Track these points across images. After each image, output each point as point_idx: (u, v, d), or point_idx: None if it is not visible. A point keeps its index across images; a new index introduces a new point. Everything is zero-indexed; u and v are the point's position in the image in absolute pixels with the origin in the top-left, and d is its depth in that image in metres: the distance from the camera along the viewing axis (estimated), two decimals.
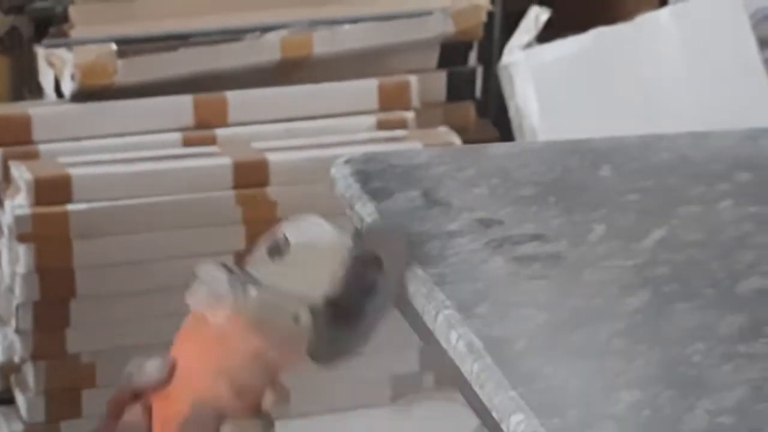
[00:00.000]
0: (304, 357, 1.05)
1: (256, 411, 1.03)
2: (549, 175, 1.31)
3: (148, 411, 1.04)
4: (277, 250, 1.05)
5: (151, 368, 1.04)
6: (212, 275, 1.03)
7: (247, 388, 1.02)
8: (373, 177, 1.28)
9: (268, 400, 1.02)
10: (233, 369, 1.02)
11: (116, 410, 1.05)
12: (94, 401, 2.53)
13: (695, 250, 1.19)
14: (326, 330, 1.06)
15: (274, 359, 1.03)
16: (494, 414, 1.00)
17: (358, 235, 1.13)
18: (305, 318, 1.03)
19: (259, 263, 1.05)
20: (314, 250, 1.06)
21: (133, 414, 1.05)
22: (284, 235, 1.05)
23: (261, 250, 1.06)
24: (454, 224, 1.21)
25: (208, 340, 1.03)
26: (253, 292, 1.02)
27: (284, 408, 1.04)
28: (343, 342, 1.08)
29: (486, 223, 1.21)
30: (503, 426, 0.99)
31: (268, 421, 1.03)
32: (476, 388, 1.04)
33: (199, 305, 1.04)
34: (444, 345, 1.09)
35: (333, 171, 1.31)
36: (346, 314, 1.07)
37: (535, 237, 1.19)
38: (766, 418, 0.97)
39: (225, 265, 1.04)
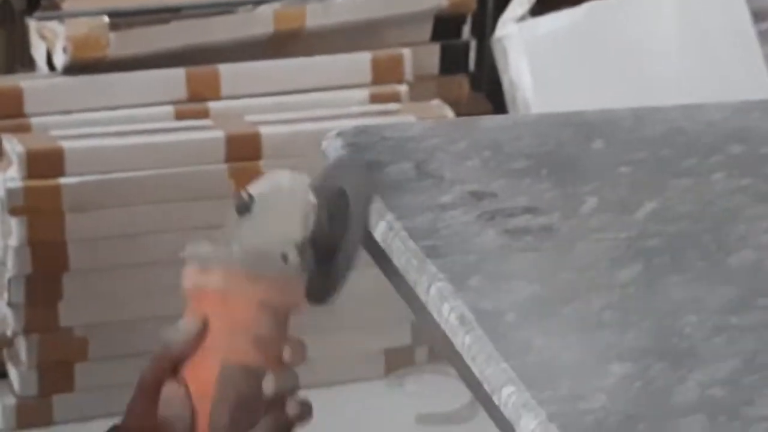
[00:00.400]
0: (303, 298, 1.06)
1: (280, 364, 1.05)
2: (541, 147, 1.32)
3: (185, 385, 1.04)
4: (244, 208, 1.08)
5: (184, 326, 1.04)
6: (197, 251, 1.04)
7: (263, 338, 1.04)
8: (365, 150, 1.28)
9: (287, 353, 1.03)
10: (245, 322, 1.04)
11: (155, 383, 1.05)
12: (86, 375, 2.53)
13: (687, 223, 1.19)
14: (314, 268, 1.08)
15: (278, 303, 1.05)
16: (486, 386, 1.01)
17: (322, 174, 1.15)
18: (293, 255, 1.05)
19: (233, 226, 1.08)
20: (278, 197, 1.09)
21: (170, 390, 1.05)
22: (247, 192, 1.08)
23: (231, 213, 1.08)
24: (447, 197, 1.21)
25: (215, 305, 1.04)
26: (236, 246, 1.05)
27: (303, 360, 1.05)
28: (331, 277, 1.10)
29: (478, 196, 1.21)
30: (495, 398, 0.99)
31: (293, 374, 1.05)
32: (468, 361, 1.04)
33: (194, 281, 1.05)
34: (436, 317, 1.09)
35: (325, 144, 1.31)
36: (327, 251, 1.10)
37: (528, 210, 1.20)
38: (757, 390, 0.98)
39: (206, 239, 1.07)
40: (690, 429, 0.94)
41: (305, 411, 1.05)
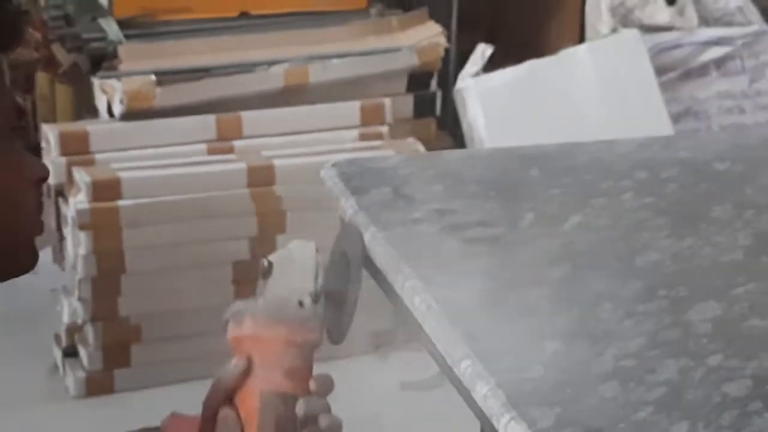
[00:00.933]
0: (320, 334, 1.02)
1: (309, 390, 1.00)
2: (491, 174, 1.31)
3: (236, 408, 1.01)
4: (265, 272, 1.04)
5: (232, 365, 1.00)
6: (232, 310, 1.02)
7: (292, 370, 1.00)
8: (353, 177, 1.27)
9: (313, 385, 1.00)
10: (276, 358, 1.00)
11: (213, 410, 1.01)
12: (140, 354, 2.53)
13: (604, 232, 1.19)
14: (330, 315, 1.05)
15: (300, 340, 1.01)
16: (448, 360, 1.01)
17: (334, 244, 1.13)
18: (307, 301, 1.02)
19: (259, 287, 1.04)
20: (291, 261, 1.04)
21: (225, 414, 1.01)
22: (268, 260, 1.04)
23: (258, 278, 1.05)
24: (417, 213, 1.20)
25: (251, 347, 1.01)
26: (261, 300, 1.02)
27: (329, 391, 1.01)
28: (342, 322, 1.08)
29: (441, 213, 1.21)
30: (455, 370, 0.99)
31: (322, 399, 1.01)
32: (434, 341, 1.03)
33: (232, 332, 1.01)
34: (409, 307, 1.08)
35: (323, 173, 1.31)
36: (337, 299, 1.07)
37: (480, 223, 1.19)
38: (658, 361, 0.97)
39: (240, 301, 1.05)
40: (606, 392, 0.93)
41: (336, 427, 0.99)
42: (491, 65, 2.86)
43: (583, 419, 0.90)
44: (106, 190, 2.45)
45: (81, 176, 2.45)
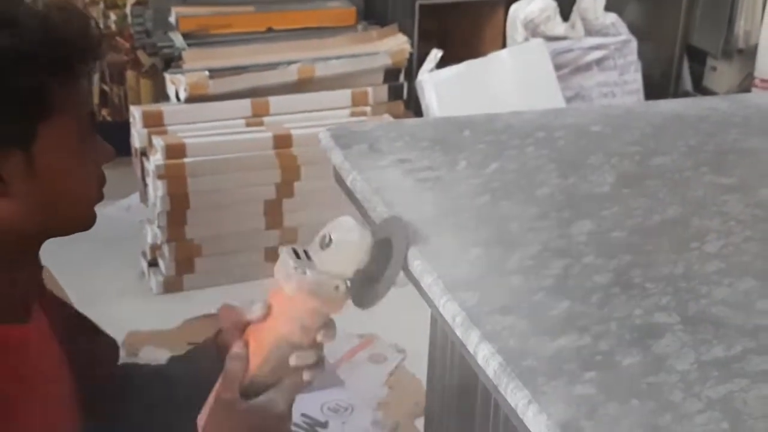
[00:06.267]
0: (342, 309, 0.92)
1: (314, 344, 0.93)
2: (436, 135, 1.30)
3: (247, 344, 0.94)
4: (325, 243, 0.91)
5: (256, 307, 0.94)
6: (285, 259, 0.91)
7: (308, 329, 0.92)
8: (341, 137, 1.26)
9: (321, 335, 0.92)
10: (300, 317, 0.91)
11: (230, 340, 0.93)
12: (201, 264, 2.52)
13: (513, 174, 1.18)
14: (362, 288, 0.92)
15: (325, 311, 0.92)
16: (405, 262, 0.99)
17: (379, 227, 1.00)
18: (342, 288, 0.91)
19: (315, 250, 0.92)
20: (347, 243, 0.91)
21: (236, 346, 0.94)
22: (329, 233, 0.91)
23: (316, 240, 0.92)
24: (385, 161, 1.19)
25: (285, 301, 0.91)
26: (309, 274, 0.90)
27: (332, 339, 0.92)
28: (372, 295, 0.92)
29: (402, 161, 1.19)
30: (410, 268, 0.98)
31: (320, 350, 0.93)
32: None
33: (279, 277, 0.91)
34: None
35: (320, 135, 1.29)
36: (373, 277, 0.93)
37: (428, 168, 1.18)
38: (549, 260, 0.97)
39: (295, 251, 0.91)
40: (513, 282, 0.93)
41: (315, 376, 0.92)
42: (441, 64, 2.83)
43: (496, 300, 0.90)
44: (175, 151, 2.42)
45: (157, 142, 2.43)
